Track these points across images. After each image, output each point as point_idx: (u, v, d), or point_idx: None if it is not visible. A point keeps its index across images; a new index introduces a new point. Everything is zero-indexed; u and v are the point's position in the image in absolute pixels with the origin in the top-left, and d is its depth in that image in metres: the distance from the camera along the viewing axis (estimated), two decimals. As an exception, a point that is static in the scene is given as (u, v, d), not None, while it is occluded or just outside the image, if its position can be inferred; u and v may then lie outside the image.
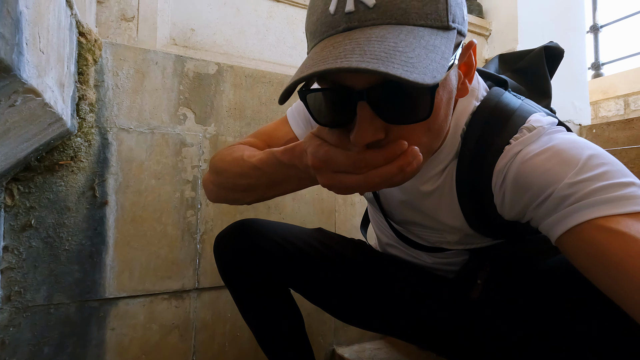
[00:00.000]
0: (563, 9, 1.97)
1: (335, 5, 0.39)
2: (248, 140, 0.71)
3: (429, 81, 0.33)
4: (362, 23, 0.38)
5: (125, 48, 0.95)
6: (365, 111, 0.39)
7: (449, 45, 0.39)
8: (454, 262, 0.73)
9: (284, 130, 0.70)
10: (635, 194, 0.38)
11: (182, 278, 0.98)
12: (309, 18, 0.44)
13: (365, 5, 0.37)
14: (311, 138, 0.45)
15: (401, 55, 0.34)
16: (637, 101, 3.32)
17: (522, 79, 0.71)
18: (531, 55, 0.72)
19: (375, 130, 0.40)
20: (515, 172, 0.48)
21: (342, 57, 0.35)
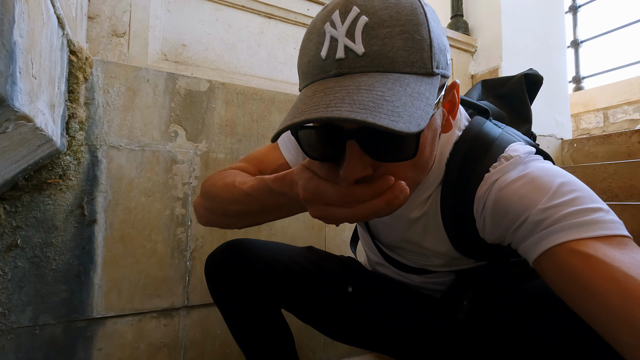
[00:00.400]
0: (545, 28, 2.05)
1: (326, 51, 0.40)
2: (239, 165, 0.71)
3: (414, 129, 0.35)
4: (352, 70, 0.39)
5: (116, 65, 0.95)
6: (354, 149, 0.41)
7: (433, 91, 0.41)
8: (441, 282, 0.75)
9: (275, 155, 0.71)
10: (603, 219, 0.41)
11: (171, 296, 0.98)
12: (301, 58, 0.45)
13: (355, 54, 0.39)
14: (302, 170, 0.46)
15: (388, 104, 0.36)
16: (616, 114, 3.44)
17: (504, 105, 0.74)
18: (512, 82, 0.75)
19: (363, 167, 0.42)
20: (494, 199, 0.50)
21: (333, 105, 0.36)
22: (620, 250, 0.38)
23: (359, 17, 0.39)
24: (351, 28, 0.39)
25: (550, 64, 2.04)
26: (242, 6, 1.34)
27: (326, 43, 0.40)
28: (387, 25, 0.39)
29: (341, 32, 0.40)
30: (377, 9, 0.40)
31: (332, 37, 0.40)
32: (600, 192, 1.58)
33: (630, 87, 3.34)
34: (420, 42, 0.40)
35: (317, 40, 0.42)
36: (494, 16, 1.92)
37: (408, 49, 0.40)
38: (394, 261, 0.75)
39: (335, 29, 0.40)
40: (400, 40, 0.39)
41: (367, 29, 0.39)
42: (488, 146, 0.54)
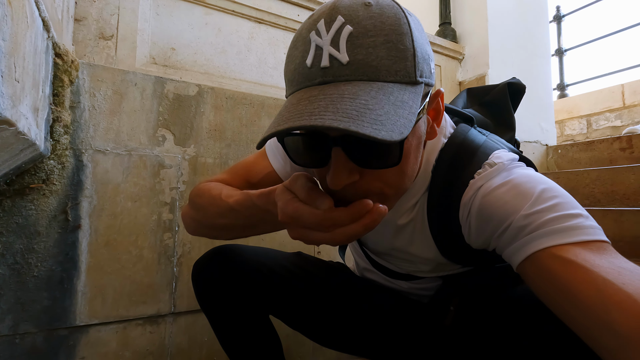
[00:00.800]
0: (530, 36, 2.10)
1: (311, 60, 0.41)
2: (224, 177, 0.70)
3: (396, 138, 0.36)
4: (337, 78, 0.40)
5: (103, 69, 0.94)
6: (340, 156, 0.42)
7: (417, 99, 0.42)
8: (428, 288, 0.75)
9: (263, 164, 0.70)
10: (583, 224, 0.42)
11: (157, 302, 0.96)
12: (287, 65, 0.46)
13: (340, 62, 0.40)
14: (282, 191, 0.46)
15: (371, 113, 0.37)
16: (599, 121, 3.53)
17: (488, 112, 0.75)
18: (496, 91, 0.76)
19: (349, 173, 0.42)
20: (478, 205, 0.51)
21: (317, 113, 0.37)
22: (599, 255, 0.39)
23: (343, 26, 0.40)
24: (336, 37, 0.40)
25: (535, 71, 2.09)
26: (232, 11, 1.34)
27: (311, 51, 0.41)
28: (371, 34, 0.40)
29: (326, 41, 0.40)
30: (362, 18, 0.40)
31: (317, 45, 0.41)
32: (584, 197, 1.62)
33: (612, 94, 3.44)
34: (404, 51, 0.41)
35: (302, 49, 0.42)
36: (481, 24, 1.96)
37: (392, 58, 0.40)
38: (382, 267, 0.76)
39: (320, 37, 0.41)
40: (384, 50, 0.40)
41: (351, 38, 0.40)
42: (473, 153, 0.55)
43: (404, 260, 0.70)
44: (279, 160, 0.70)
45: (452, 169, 0.56)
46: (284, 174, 0.70)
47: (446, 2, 2.09)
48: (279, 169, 0.70)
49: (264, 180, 0.70)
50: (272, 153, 0.71)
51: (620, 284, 0.35)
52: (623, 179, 1.49)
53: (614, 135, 3.41)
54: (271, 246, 1.14)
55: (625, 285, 0.35)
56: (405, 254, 0.67)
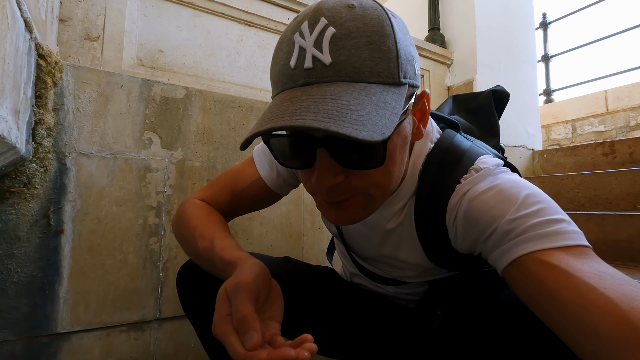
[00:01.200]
0: (517, 43, 2.14)
1: (295, 61, 0.41)
2: (208, 194, 0.69)
3: (377, 138, 0.36)
4: (319, 79, 0.40)
5: (88, 70, 0.92)
6: (325, 157, 0.42)
7: (400, 100, 0.42)
8: (415, 293, 0.76)
9: (250, 172, 0.70)
10: (566, 230, 0.42)
11: (142, 308, 0.95)
12: (272, 67, 0.46)
13: (323, 63, 0.40)
14: (222, 299, 0.45)
15: (352, 113, 0.37)
16: (583, 126, 3.62)
17: (473, 119, 0.76)
18: (481, 98, 0.78)
19: (334, 174, 0.43)
20: (464, 209, 0.51)
21: (298, 114, 0.37)
22: (581, 260, 0.40)
23: (326, 28, 0.40)
24: (319, 39, 0.40)
25: (521, 77, 2.13)
26: (221, 13, 1.33)
27: (295, 53, 0.41)
28: (354, 36, 0.40)
29: (309, 43, 0.40)
30: (345, 20, 0.41)
31: (300, 47, 0.41)
32: (568, 201, 1.65)
33: (596, 100, 3.52)
34: (387, 52, 0.41)
35: (287, 50, 0.43)
36: (469, 30, 1.99)
37: (374, 59, 0.41)
38: (369, 272, 0.76)
39: (304, 39, 0.41)
40: (367, 51, 0.40)
41: (334, 40, 0.40)
42: (459, 158, 0.56)
43: (391, 266, 0.70)
44: (265, 167, 0.69)
45: (439, 174, 0.56)
46: (271, 181, 0.70)
47: (435, 7, 2.12)
48: (265, 176, 0.69)
49: (250, 188, 0.70)
50: (259, 160, 0.70)
51: (601, 288, 0.36)
52: (605, 184, 1.53)
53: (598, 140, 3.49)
54: (259, 249, 1.14)
55: (606, 289, 0.36)
56: (392, 260, 0.68)
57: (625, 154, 1.76)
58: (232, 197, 0.70)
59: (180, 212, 0.68)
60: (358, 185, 0.45)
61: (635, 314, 0.33)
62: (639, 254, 1.15)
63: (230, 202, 0.70)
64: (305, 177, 0.48)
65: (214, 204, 0.69)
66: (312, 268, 0.85)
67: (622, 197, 1.47)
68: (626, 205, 1.46)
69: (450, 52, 2.05)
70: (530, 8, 2.26)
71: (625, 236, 1.19)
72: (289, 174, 0.70)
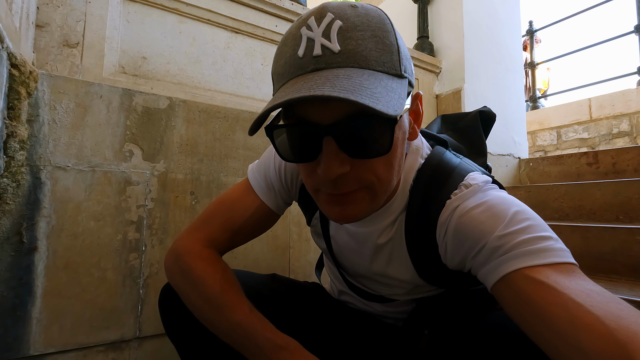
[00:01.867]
0: (504, 52, 2.16)
1: (304, 50, 0.42)
2: (208, 235, 0.66)
3: (392, 113, 0.38)
4: (329, 65, 0.41)
5: (65, 80, 0.88)
6: (331, 146, 0.43)
7: (403, 90, 0.44)
8: (403, 311, 0.75)
9: (249, 199, 0.68)
10: (554, 247, 0.43)
11: (121, 327, 0.91)
12: (276, 62, 0.46)
13: (331, 51, 0.41)
14: None
15: (366, 90, 0.38)
16: (568, 133, 3.69)
17: (461, 138, 0.77)
18: (469, 118, 0.79)
19: (340, 164, 0.43)
20: (455, 225, 0.52)
21: (315, 87, 0.38)
22: (568, 278, 0.41)
23: (333, 21, 0.42)
24: (327, 30, 0.42)
25: (508, 86, 2.15)
26: (207, 20, 1.31)
27: (303, 43, 0.42)
28: (360, 29, 0.43)
29: (318, 33, 0.42)
30: (350, 16, 0.43)
31: (308, 38, 0.42)
32: (553, 211, 1.67)
33: (580, 108, 3.60)
34: (390, 46, 0.44)
35: (293, 44, 0.44)
36: (457, 39, 2.00)
37: (379, 51, 0.43)
38: (358, 289, 0.75)
39: (311, 31, 0.43)
40: (372, 43, 0.43)
41: (341, 31, 0.42)
42: (449, 174, 0.57)
43: (380, 284, 0.70)
44: (263, 188, 0.68)
45: (429, 189, 0.57)
46: (270, 201, 0.68)
47: (424, 15, 2.12)
48: (265, 198, 0.68)
49: (251, 218, 0.67)
50: (258, 185, 0.68)
51: (589, 306, 0.36)
52: (589, 194, 1.55)
53: (582, 146, 3.56)
54: (245, 262, 1.11)
55: (593, 307, 0.36)
56: (382, 277, 0.67)
57: (609, 164, 1.79)
58: (231, 236, 0.67)
59: (185, 267, 0.63)
60: (363, 177, 0.46)
61: (621, 332, 0.34)
62: (622, 266, 1.16)
63: (229, 240, 0.68)
64: (309, 171, 0.48)
65: (213, 244, 0.66)
66: (299, 285, 0.83)
67: (605, 207, 1.50)
68: (609, 216, 1.48)
69: (439, 60, 2.06)
70: (517, 18, 2.29)
71: (609, 249, 1.20)
72: (284, 190, 0.69)
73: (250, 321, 0.58)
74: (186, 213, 1.03)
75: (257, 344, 0.56)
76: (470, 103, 1.93)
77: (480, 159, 0.77)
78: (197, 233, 0.67)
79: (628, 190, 1.43)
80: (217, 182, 1.09)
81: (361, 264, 0.68)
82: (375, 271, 0.67)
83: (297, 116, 0.44)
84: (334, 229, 0.70)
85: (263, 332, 0.56)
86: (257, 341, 0.56)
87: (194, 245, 0.65)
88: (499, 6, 2.17)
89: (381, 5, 2.52)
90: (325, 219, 0.71)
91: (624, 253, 1.17)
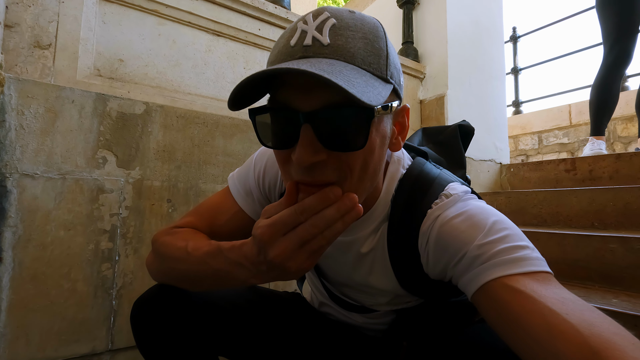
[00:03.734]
0: (487, 59, 2.19)
1: (296, 40, 0.44)
2: (188, 220, 0.68)
3: (365, 100, 0.39)
4: (316, 55, 0.43)
5: (34, 84, 0.85)
6: (308, 133, 0.43)
7: (385, 92, 0.44)
8: (383, 322, 0.75)
9: (228, 203, 0.70)
10: (530, 256, 0.45)
11: (92, 340, 0.88)
12: (271, 53, 0.48)
13: (321, 43, 0.43)
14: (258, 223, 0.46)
15: (344, 77, 0.40)
16: (549, 137, 3.77)
17: (442, 151, 0.79)
18: (448, 131, 0.80)
19: (315, 152, 0.43)
20: (436, 234, 0.53)
21: (295, 65, 0.39)
22: (544, 286, 0.42)
23: (328, 18, 0.45)
24: (320, 25, 0.44)
25: (491, 92, 2.18)
26: (188, 22, 1.28)
27: (296, 34, 0.45)
28: (352, 29, 0.45)
29: (311, 27, 0.44)
30: (345, 17, 0.46)
31: (302, 30, 0.45)
32: (532, 217, 1.70)
33: (561, 113, 3.69)
34: (378, 50, 0.46)
35: (288, 35, 0.46)
36: (441, 46, 2.01)
37: (367, 51, 0.44)
38: (339, 300, 0.75)
39: (306, 24, 0.45)
40: (362, 43, 0.44)
41: (334, 28, 0.44)
42: (429, 184, 0.58)
43: (362, 292, 0.70)
44: (241, 194, 0.69)
45: (410, 199, 0.58)
46: (248, 207, 0.69)
47: (409, 21, 2.13)
48: (242, 203, 0.69)
49: (231, 221, 0.69)
50: (236, 191, 0.70)
51: (564, 314, 0.38)
52: (566, 201, 1.58)
53: (562, 151, 3.65)
54: (223, 272, 1.10)
55: (568, 315, 0.38)
56: (364, 286, 0.67)
57: (585, 171, 1.83)
58: (213, 230, 0.68)
59: (163, 237, 0.65)
60: (338, 167, 0.46)
61: (595, 339, 0.35)
62: (596, 274, 1.19)
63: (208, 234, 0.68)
64: (284, 159, 0.48)
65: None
66: (278, 296, 0.82)
67: (581, 214, 1.53)
68: (585, 223, 1.52)
69: (423, 66, 2.07)
70: (500, 25, 2.33)
71: (583, 256, 1.23)
72: (264, 197, 0.70)
73: (209, 249, 0.55)
74: (162, 221, 1.00)
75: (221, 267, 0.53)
76: (453, 109, 1.95)
77: (460, 171, 0.79)
78: (175, 223, 0.69)
79: (602, 198, 1.47)
80: (195, 189, 1.06)
81: (343, 272, 0.68)
82: (357, 280, 0.67)
83: (279, 102, 0.46)
84: None
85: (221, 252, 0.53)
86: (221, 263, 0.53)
87: (167, 229, 0.67)
88: (482, 14, 2.20)
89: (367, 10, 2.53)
90: None
91: (597, 261, 1.20)
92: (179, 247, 0.60)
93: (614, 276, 1.15)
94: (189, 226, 0.68)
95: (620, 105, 3.15)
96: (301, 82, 0.43)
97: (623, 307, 0.95)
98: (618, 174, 1.72)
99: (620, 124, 3.26)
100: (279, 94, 0.45)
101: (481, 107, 2.11)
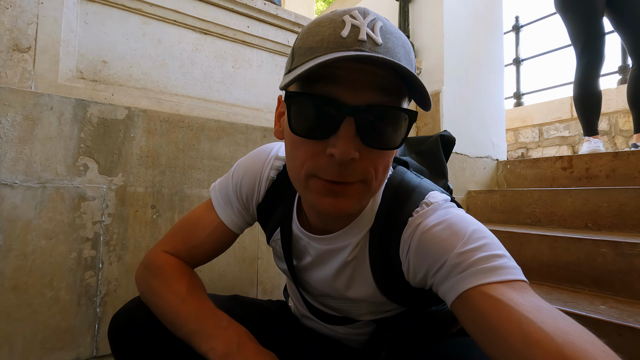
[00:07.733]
0: (485, 53, 2.14)
1: (348, 32, 0.44)
2: (173, 246, 0.70)
3: (429, 100, 0.45)
4: (372, 52, 0.43)
5: (11, 92, 0.83)
6: (350, 128, 0.44)
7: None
8: (364, 332, 0.75)
9: (210, 217, 0.70)
10: (508, 265, 0.46)
11: (76, 347, 0.89)
12: (307, 38, 0.46)
13: (374, 41, 0.44)
14: None
15: (410, 72, 0.43)
16: (549, 130, 3.72)
17: (423, 161, 0.78)
18: (430, 141, 0.79)
19: (354, 148, 0.44)
20: (417, 242, 0.53)
21: (369, 53, 0.41)
22: (521, 294, 0.43)
23: (376, 20, 0.45)
24: (371, 24, 0.44)
25: (488, 87, 2.14)
26: (174, 21, 1.25)
27: (347, 27, 0.44)
28: (395, 36, 0.46)
29: (363, 23, 0.44)
30: (387, 22, 0.47)
31: (353, 24, 0.44)
32: (526, 216, 1.69)
33: (562, 106, 3.63)
34: (412, 61, 0.48)
35: (332, 26, 0.45)
36: (437, 41, 1.97)
37: (406, 60, 0.46)
38: (319, 313, 0.75)
39: (356, 19, 0.44)
40: (402, 50, 0.46)
41: (382, 31, 0.45)
42: (410, 193, 0.59)
43: (342, 301, 0.69)
44: (226, 211, 0.70)
45: (392, 207, 0.59)
46: (229, 220, 0.70)
47: (405, 14, 2.08)
48: (224, 217, 0.70)
49: (209, 239, 0.71)
50: (218, 205, 0.70)
51: (539, 322, 0.39)
52: (561, 201, 1.57)
53: (562, 144, 3.61)
54: (210, 276, 1.09)
55: (543, 323, 0.38)
56: (344, 295, 0.67)
57: (582, 169, 1.81)
58: (191, 254, 0.71)
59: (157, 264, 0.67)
60: (365, 169, 0.47)
61: (568, 347, 0.36)
62: (586, 277, 1.18)
63: (190, 257, 0.71)
64: (312, 152, 0.47)
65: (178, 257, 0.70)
66: (262, 307, 0.82)
67: (575, 215, 1.52)
68: (579, 223, 1.50)
69: (419, 61, 2.03)
70: (500, 17, 2.27)
71: (574, 259, 1.22)
72: (243, 208, 0.71)
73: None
74: (147, 227, 1.00)
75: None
76: (448, 105, 1.91)
77: (442, 180, 0.78)
78: (162, 246, 0.71)
79: (597, 199, 1.45)
80: (180, 195, 1.06)
81: (325, 280, 0.68)
82: (338, 289, 0.66)
83: (323, 92, 0.45)
84: (298, 247, 0.69)
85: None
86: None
87: (161, 255, 0.69)
88: (481, 5, 2.15)
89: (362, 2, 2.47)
90: (287, 236, 0.70)
91: (588, 264, 1.19)
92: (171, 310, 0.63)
93: (604, 280, 1.14)
94: (175, 255, 0.69)
95: (622, 98, 3.09)
96: (354, 78, 0.43)
97: (610, 315, 0.94)
98: (615, 173, 1.70)
99: (622, 117, 3.21)
100: (321, 86, 0.44)
101: (478, 103, 2.07)
